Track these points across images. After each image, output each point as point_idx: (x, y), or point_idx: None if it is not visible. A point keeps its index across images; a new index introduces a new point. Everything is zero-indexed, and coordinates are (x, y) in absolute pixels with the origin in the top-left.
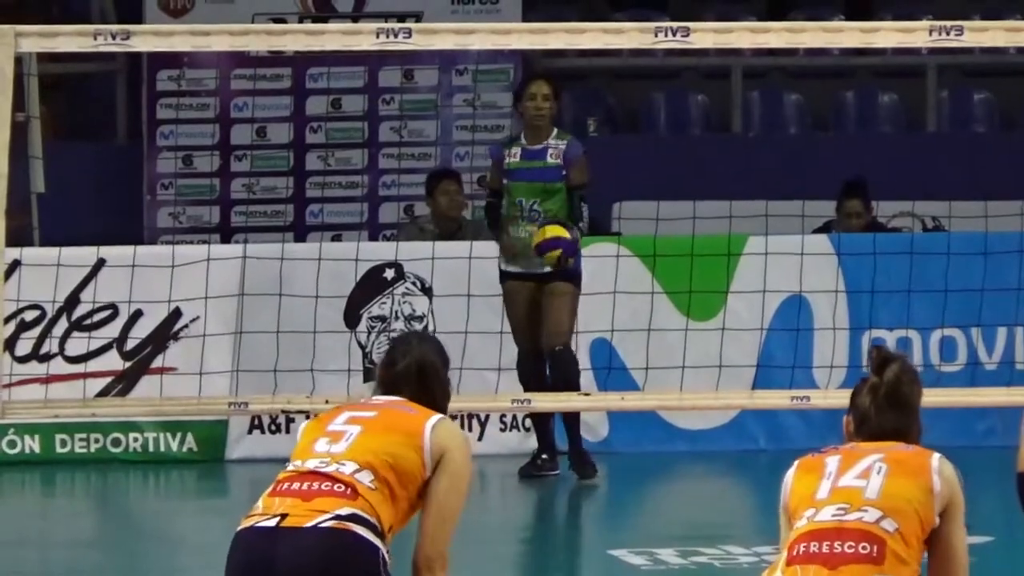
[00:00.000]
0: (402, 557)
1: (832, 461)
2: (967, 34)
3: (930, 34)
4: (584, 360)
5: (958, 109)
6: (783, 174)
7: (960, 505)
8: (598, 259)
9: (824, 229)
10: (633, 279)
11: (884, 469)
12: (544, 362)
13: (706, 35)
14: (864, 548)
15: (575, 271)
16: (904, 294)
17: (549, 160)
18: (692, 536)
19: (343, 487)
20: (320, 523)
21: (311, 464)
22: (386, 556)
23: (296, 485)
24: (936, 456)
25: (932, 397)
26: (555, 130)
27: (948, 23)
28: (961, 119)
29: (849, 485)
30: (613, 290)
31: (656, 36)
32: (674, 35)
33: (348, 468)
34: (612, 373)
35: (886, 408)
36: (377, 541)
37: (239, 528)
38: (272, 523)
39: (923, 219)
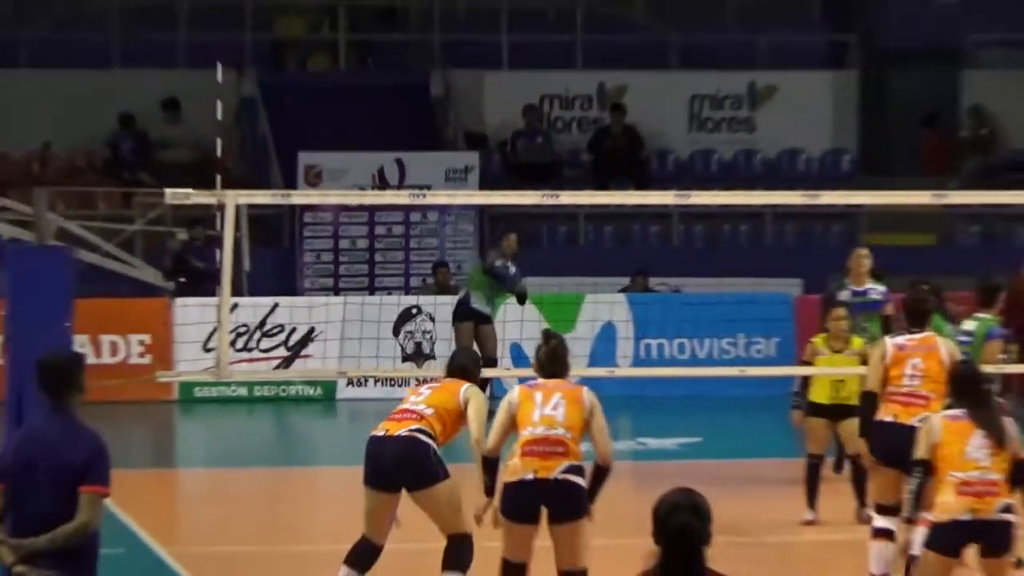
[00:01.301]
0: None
1: (538, 396)
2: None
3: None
4: (508, 360)
5: None
6: (606, 263)
7: (598, 410)
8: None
9: (624, 290)
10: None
11: (563, 402)
12: None
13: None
14: (559, 448)
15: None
16: (661, 323)
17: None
18: None
19: (415, 415)
20: (402, 433)
21: (405, 405)
22: (436, 449)
23: (396, 415)
24: (584, 388)
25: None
26: None
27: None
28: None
29: (548, 413)
30: (521, 319)
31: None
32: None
33: (420, 407)
34: (521, 360)
35: (548, 362)
36: (429, 441)
37: (370, 435)
38: (382, 433)
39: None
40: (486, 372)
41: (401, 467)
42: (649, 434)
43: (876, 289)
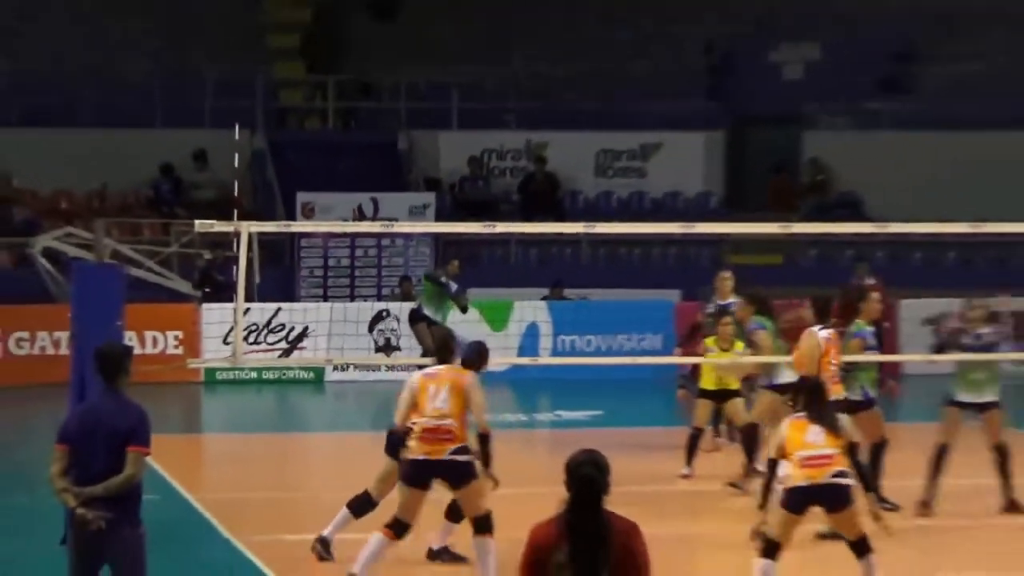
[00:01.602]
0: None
1: (431, 388)
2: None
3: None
4: (549, 346)
5: None
6: (530, 278)
7: (475, 391)
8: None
9: (545, 298)
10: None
11: (449, 395)
12: None
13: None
14: (447, 436)
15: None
16: (573, 323)
17: None
18: None
19: (449, 436)
20: (444, 458)
21: (431, 418)
22: (472, 459)
23: (429, 434)
24: (467, 375)
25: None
26: None
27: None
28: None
29: (438, 406)
30: (467, 319)
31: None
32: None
33: (448, 423)
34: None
35: (437, 351)
36: (467, 457)
37: (411, 459)
38: (423, 458)
39: (580, 295)
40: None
41: (448, 483)
42: (564, 408)
43: (736, 302)
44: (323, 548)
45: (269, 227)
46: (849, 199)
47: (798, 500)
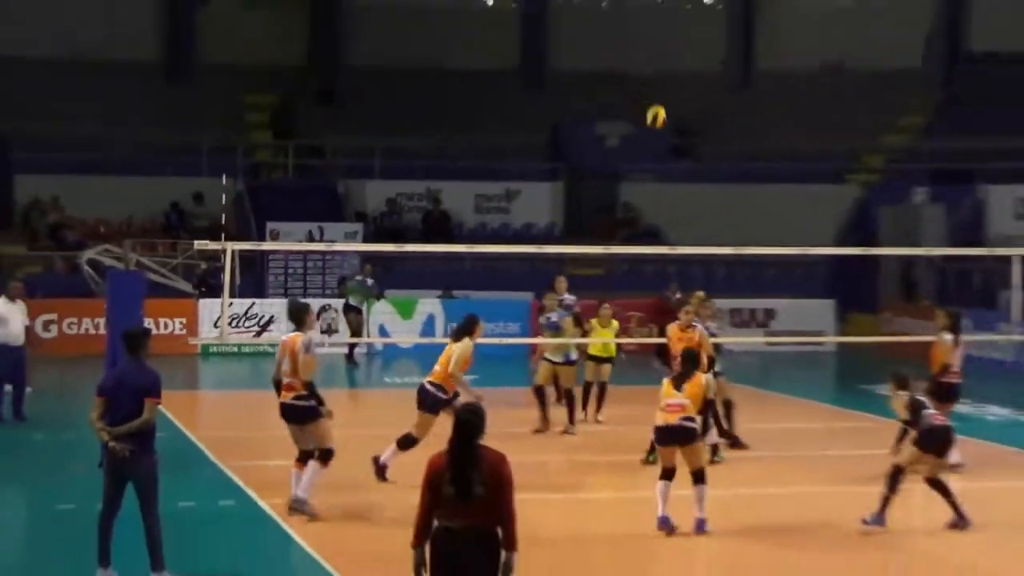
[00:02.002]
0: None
1: (283, 351)
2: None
3: None
4: (375, 332)
5: None
6: (429, 282)
7: (301, 353)
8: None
9: (440, 297)
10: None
11: (288, 357)
12: None
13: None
14: (290, 387)
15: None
16: (460, 315)
17: None
18: None
19: (290, 386)
20: (287, 401)
21: (283, 377)
22: (311, 404)
23: (283, 387)
24: (300, 338)
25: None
26: None
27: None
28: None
29: (285, 367)
30: (383, 311)
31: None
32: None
33: (287, 379)
34: (384, 333)
35: (291, 318)
36: (305, 402)
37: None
38: (281, 402)
39: (464, 295)
40: (356, 340)
41: (291, 422)
42: None
43: (569, 298)
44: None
45: (247, 246)
46: (652, 230)
47: (661, 436)
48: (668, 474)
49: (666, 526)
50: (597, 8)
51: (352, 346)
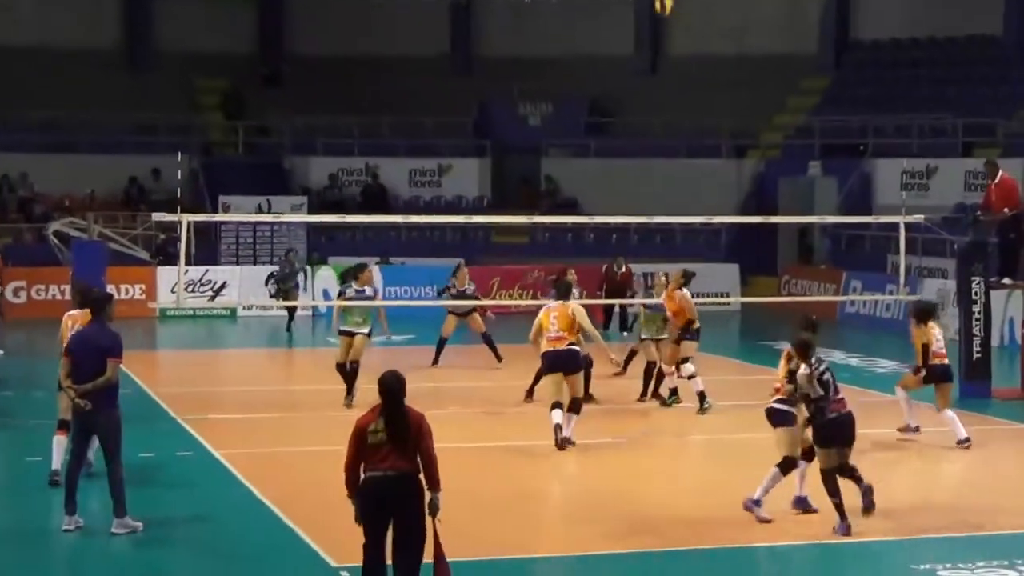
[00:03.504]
0: None
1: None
2: None
3: None
4: (319, 295)
5: None
6: (369, 250)
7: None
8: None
9: (378, 263)
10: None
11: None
12: None
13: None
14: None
15: None
16: (399, 280)
17: None
18: None
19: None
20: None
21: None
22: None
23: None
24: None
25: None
26: None
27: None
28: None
29: None
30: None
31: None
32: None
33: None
34: (328, 297)
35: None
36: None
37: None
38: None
39: (401, 261)
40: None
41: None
42: (394, 332)
43: (472, 287)
44: None
45: (201, 218)
46: (570, 201)
47: (547, 362)
48: (558, 406)
49: (563, 443)
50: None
51: (290, 318)
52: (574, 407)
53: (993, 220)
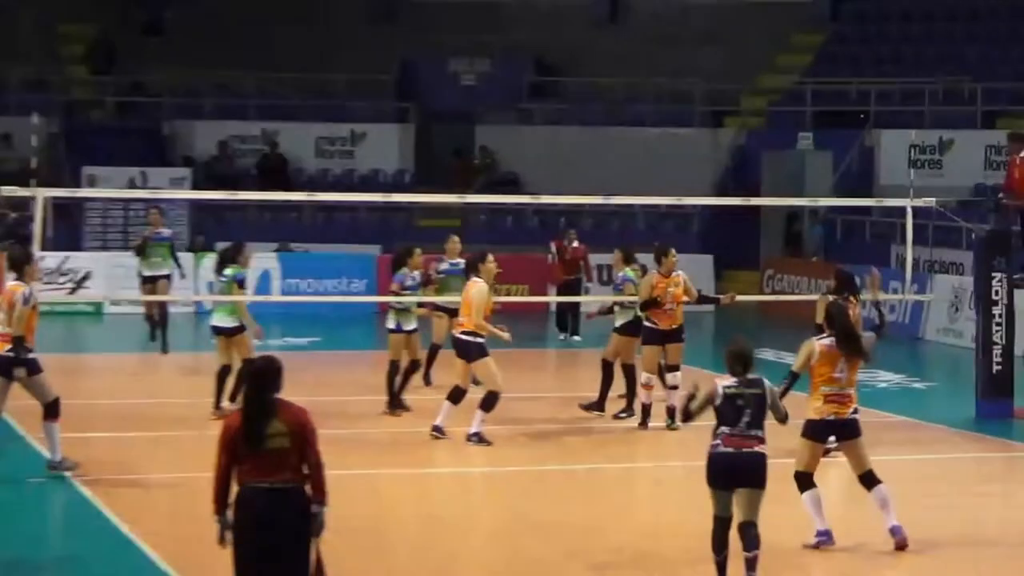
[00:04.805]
0: None
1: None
2: None
3: None
4: (203, 289)
5: None
6: (265, 234)
7: (18, 306)
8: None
9: (276, 251)
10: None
11: (6, 306)
12: None
13: None
14: (3, 336)
15: None
16: (300, 270)
17: None
18: None
19: (4, 335)
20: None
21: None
22: (33, 357)
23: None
24: (19, 290)
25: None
26: None
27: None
28: None
29: (1, 318)
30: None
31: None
32: None
33: (3, 329)
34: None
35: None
36: (13, 354)
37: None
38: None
39: (304, 248)
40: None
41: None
42: (291, 335)
43: (462, 263)
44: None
45: (60, 193)
46: (510, 178)
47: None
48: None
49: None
50: None
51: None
52: (481, 402)
53: (1018, 204)
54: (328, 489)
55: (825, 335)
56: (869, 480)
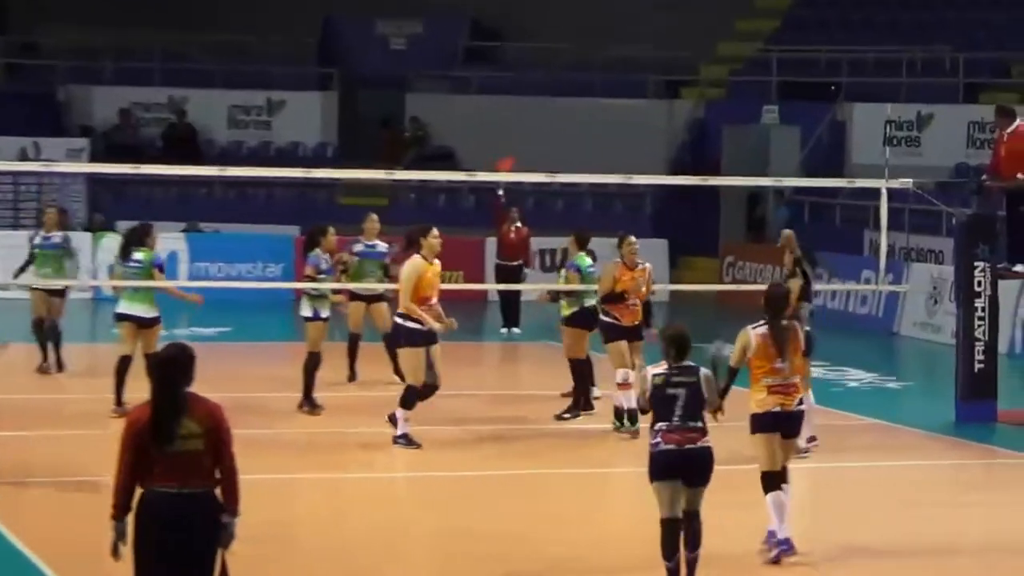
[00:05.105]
0: None
1: None
2: None
3: None
4: (103, 273)
5: None
6: (171, 213)
7: None
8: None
9: (184, 231)
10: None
11: None
12: None
13: None
14: None
15: None
16: (210, 252)
17: None
18: None
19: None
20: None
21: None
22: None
23: None
24: None
25: None
26: None
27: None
28: None
29: None
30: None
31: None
32: None
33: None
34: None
35: None
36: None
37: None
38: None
39: (215, 228)
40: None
41: None
42: (198, 325)
43: (382, 245)
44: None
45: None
46: (444, 152)
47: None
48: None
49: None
50: None
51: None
52: (400, 399)
53: (1003, 187)
54: (240, 496)
55: (760, 323)
56: (779, 476)
